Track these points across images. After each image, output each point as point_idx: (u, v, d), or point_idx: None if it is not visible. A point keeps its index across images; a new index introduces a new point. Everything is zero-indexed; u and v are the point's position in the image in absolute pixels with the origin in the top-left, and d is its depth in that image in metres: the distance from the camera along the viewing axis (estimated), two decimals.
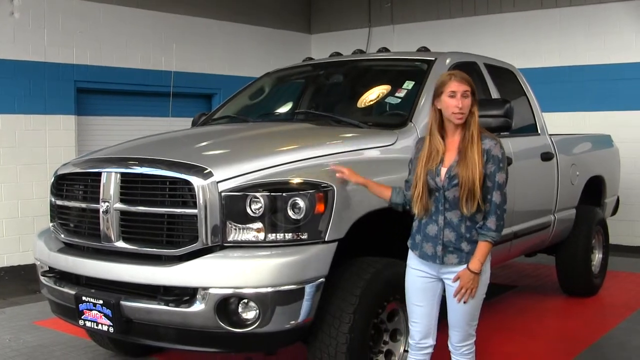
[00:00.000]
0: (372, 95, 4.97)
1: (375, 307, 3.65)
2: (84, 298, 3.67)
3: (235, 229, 3.43)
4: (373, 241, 4.03)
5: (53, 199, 4.16)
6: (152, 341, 3.72)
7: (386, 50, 5.82)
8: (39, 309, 6.23)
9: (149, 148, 4.21)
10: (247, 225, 3.42)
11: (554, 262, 6.61)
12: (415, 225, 3.38)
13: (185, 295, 3.41)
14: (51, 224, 4.18)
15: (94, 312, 3.63)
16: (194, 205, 3.42)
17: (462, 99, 3.19)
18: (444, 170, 3.23)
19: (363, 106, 4.92)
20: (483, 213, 3.23)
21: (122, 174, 3.69)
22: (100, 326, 3.63)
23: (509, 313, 6.06)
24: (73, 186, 4.06)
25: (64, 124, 8.39)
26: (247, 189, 3.44)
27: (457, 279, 3.24)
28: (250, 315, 3.37)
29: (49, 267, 4.08)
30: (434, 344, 3.43)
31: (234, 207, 3.42)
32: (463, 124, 3.22)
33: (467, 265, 3.22)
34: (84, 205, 3.93)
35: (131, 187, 3.67)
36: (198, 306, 3.36)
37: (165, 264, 3.47)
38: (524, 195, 5.26)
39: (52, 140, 8.26)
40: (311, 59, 6.34)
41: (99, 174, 3.78)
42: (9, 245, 7.97)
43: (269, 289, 3.31)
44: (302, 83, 5.77)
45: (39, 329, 5.71)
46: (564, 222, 6.11)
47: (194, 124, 5.53)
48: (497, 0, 10.10)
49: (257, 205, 3.40)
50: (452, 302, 3.30)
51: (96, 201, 3.76)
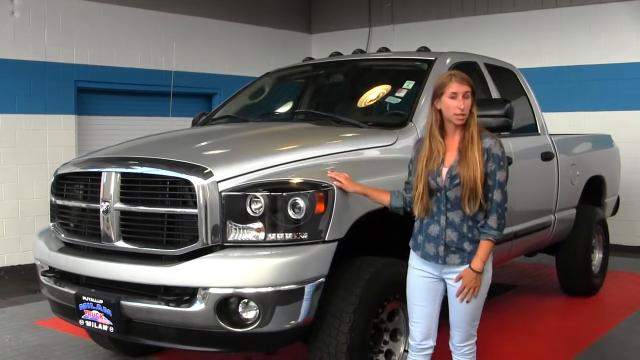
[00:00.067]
0: (372, 95, 4.97)
1: (376, 307, 3.65)
2: (84, 298, 3.67)
3: (236, 229, 3.43)
4: (373, 241, 4.02)
5: (53, 199, 4.16)
6: (152, 341, 3.72)
7: (386, 50, 5.82)
8: (39, 308, 6.23)
9: (149, 148, 4.21)
10: (247, 225, 3.42)
11: (554, 262, 6.61)
12: (417, 226, 3.38)
13: (186, 295, 3.41)
14: (51, 224, 4.17)
15: (94, 311, 3.63)
16: (194, 205, 3.42)
17: (463, 100, 3.19)
18: (445, 170, 3.22)
19: (363, 106, 4.92)
20: (484, 212, 3.23)
21: (123, 173, 3.69)
22: (100, 326, 3.63)
23: (510, 313, 6.06)
24: (73, 186, 4.06)
25: (64, 124, 8.38)
26: (247, 189, 3.44)
27: (459, 278, 3.24)
28: (250, 315, 3.37)
29: (49, 266, 4.08)
30: (434, 344, 3.43)
31: (234, 206, 3.42)
32: (463, 124, 3.23)
33: (470, 265, 3.21)
34: (84, 205, 3.93)
35: (131, 187, 3.67)
36: (198, 306, 3.36)
37: (166, 264, 3.47)
38: (524, 195, 5.25)
39: (52, 140, 8.26)
40: (311, 58, 6.34)
41: (99, 173, 3.78)
42: (9, 244, 7.96)
43: (269, 289, 3.31)
44: (302, 83, 5.77)
45: (39, 328, 5.71)
46: (564, 222, 6.11)
47: (194, 123, 5.53)
48: (497, 0, 10.10)
49: (257, 205, 3.40)
50: (454, 302, 3.30)
51: (96, 201, 3.76)
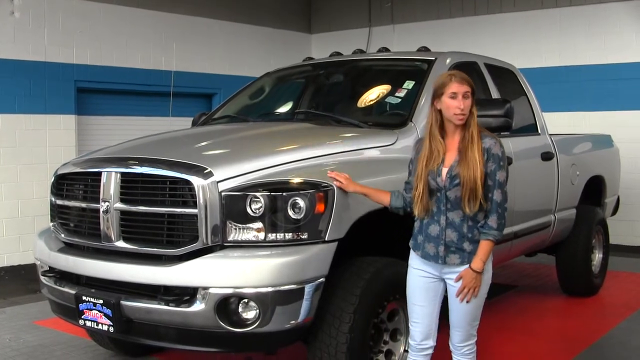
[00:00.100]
0: (373, 95, 4.97)
1: (376, 307, 3.65)
2: (84, 298, 3.67)
3: (236, 229, 3.43)
4: (373, 241, 4.02)
5: (53, 199, 4.16)
6: (152, 341, 3.72)
7: (386, 50, 5.82)
8: (39, 308, 6.23)
9: (149, 148, 4.21)
10: (247, 225, 3.42)
11: (554, 262, 6.61)
12: (417, 226, 3.38)
13: (186, 295, 3.41)
14: (51, 224, 4.17)
15: (94, 311, 3.63)
16: (194, 205, 3.42)
17: (463, 100, 3.19)
18: (445, 170, 3.22)
19: (363, 106, 4.92)
20: (484, 212, 3.23)
21: (122, 173, 3.69)
22: (100, 326, 3.63)
23: (510, 313, 6.06)
24: (73, 186, 4.06)
25: (64, 124, 8.38)
26: (247, 189, 3.43)
27: (459, 278, 3.24)
28: (250, 315, 3.37)
29: (49, 266, 4.08)
30: (434, 345, 3.43)
31: (234, 206, 3.42)
32: (463, 124, 3.22)
33: (470, 265, 3.21)
34: (84, 205, 3.93)
35: (131, 187, 3.67)
36: (198, 306, 3.36)
37: (166, 264, 3.47)
38: (524, 195, 5.25)
39: (52, 140, 8.26)
40: (311, 58, 6.34)
41: (99, 173, 3.78)
42: (9, 244, 7.96)
43: (269, 289, 3.31)
44: (302, 83, 5.77)
45: (39, 328, 5.71)
46: (564, 222, 6.11)
47: (194, 123, 5.53)
48: (497, 0, 10.10)
49: (257, 205, 3.40)
50: (454, 302, 3.30)
51: (96, 201, 3.76)
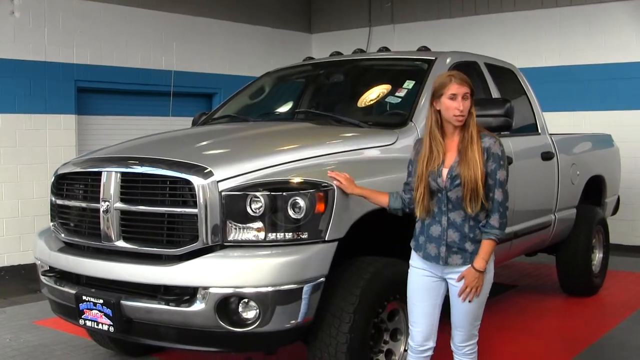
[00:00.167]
0: (373, 94, 4.97)
1: (376, 307, 3.65)
2: (84, 297, 3.67)
3: (236, 229, 3.43)
4: (373, 241, 4.02)
5: (53, 199, 4.16)
6: (152, 341, 3.72)
7: (386, 49, 5.82)
8: (39, 308, 6.23)
9: (149, 147, 4.21)
10: (247, 225, 3.42)
11: (554, 261, 6.61)
12: (418, 227, 3.37)
13: (186, 294, 3.41)
14: (51, 224, 4.17)
15: (94, 311, 3.63)
16: (194, 205, 3.42)
17: (463, 101, 3.18)
18: (445, 171, 3.22)
19: (363, 106, 4.92)
20: (486, 212, 3.23)
21: (123, 173, 3.69)
22: (100, 326, 3.63)
23: (510, 312, 6.06)
24: (73, 186, 4.06)
25: (64, 124, 8.38)
26: (248, 189, 3.43)
27: (461, 278, 3.23)
28: (250, 314, 3.37)
29: (49, 266, 4.08)
30: (434, 345, 3.42)
31: (234, 206, 3.41)
32: (462, 124, 3.22)
33: (472, 264, 3.21)
34: (84, 204, 3.93)
35: (131, 187, 3.67)
36: (198, 306, 3.36)
37: (166, 264, 3.47)
38: (524, 194, 5.25)
39: (52, 140, 8.26)
40: (311, 58, 6.34)
41: (99, 173, 3.77)
42: (10, 244, 7.96)
43: (269, 289, 3.31)
44: (303, 82, 5.77)
45: (40, 328, 5.71)
46: (564, 222, 6.11)
47: (194, 123, 5.53)
48: (497, 0, 10.10)
49: (257, 205, 3.40)
50: (456, 302, 3.30)
51: (96, 200, 3.76)
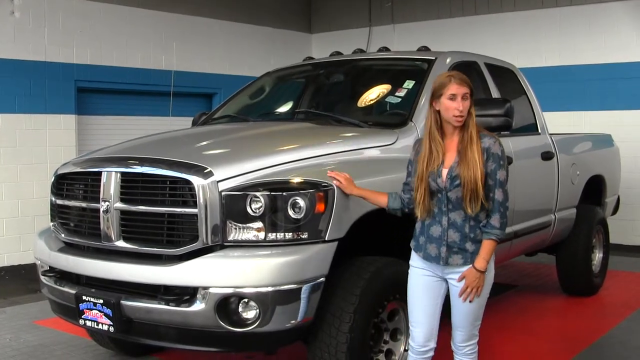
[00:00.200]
0: (373, 94, 4.97)
1: (376, 307, 3.65)
2: (84, 297, 3.67)
3: (236, 229, 3.43)
4: (373, 240, 4.02)
5: (53, 199, 4.16)
6: (152, 341, 3.72)
7: (386, 49, 5.81)
8: (39, 308, 6.23)
9: (149, 147, 4.21)
10: (247, 225, 3.42)
11: (554, 261, 6.61)
12: (418, 227, 3.37)
13: (186, 294, 3.41)
14: (51, 224, 4.17)
15: (94, 311, 3.63)
16: (194, 205, 3.42)
17: (462, 101, 3.18)
18: (445, 171, 3.22)
19: (363, 105, 4.92)
20: (486, 212, 3.23)
21: (123, 173, 3.69)
22: (100, 326, 3.63)
23: (510, 312, 6.06)
24: (73, 185, 4.06)
25: (64, 124, 8.38)
26: (248, 189, 3.43)
27: (462, 278, 3.23)
28: (250, 314, 3.37)
29: (49, 266, 4.08)
30: (435, 346, 3.41)
31: (234, 206, 3.41)
32: (462, 124, 3.22)
33: (473, 264, 3.21)
34: (84, 204, 3.93)
35: (131, 187, 3.67)
36: (198, 306, 3.36)
37: (166, 264, 3.47)
38: (524, 194, 5.25)
39: (52, 140, 8.26)
40: (311, 58, 6.34)
41: (99, 173, 3.77)
42: (10, 244, 7.96)
43: (269, 289, 3.30)
44: (303, 82, 5.77)
45: (40, 328, 5.71)
46: (564, 222, 6.11)
47: (194, 123, 5.53)
48: (497, 0, 10.10)
49: (257, 205, 3.40)
50: (456, 302, 3.29)
51: (96, 200, 3.76)
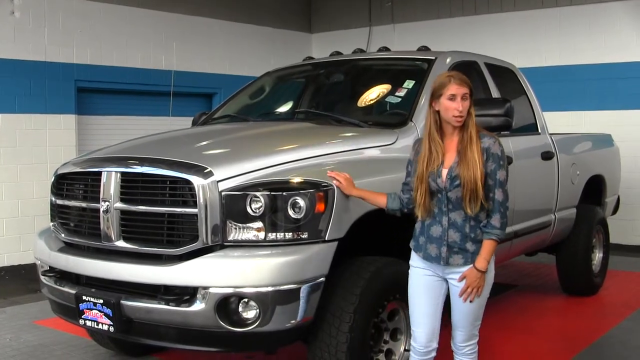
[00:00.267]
0: (373, 94, 4.97)
1: (376, 306, 3.65)
2: (84, 297, 3.67)
3: (236, 228, 3.43)
4: (373, 240, 4.02)
5: (53, 199, 4.16)
6: (152, 340, 3.72)
7: (386, 49, 5.81)
8: (39, 308, 6.23)
9: (149, 147, 4.21)
10: (247, 225, 3.42)
11: (554, 261, 6.61)
12: (418, 227, 3.37)
13: (186, 294, 3.42)
14: (51, 224, 4.17)
15: (94, 311, 3.63)
16: (194, 205, 3.42)
17: (462, 101, 3.18)
18: (445, 171, 3.22)
19: (363, 105, 4.92)
20: (486, 212, 3.22)
21: (123, 173, 3.69)
22: (100, 325, 3.63)
23: (510, 312, 6.06)
24: (73, 185, 4.06)
25: (64, 124, 8.38)
26: (248, 188, 3.43)
27: (462, 278, 3.23)
28: (250, 314, 3.37)
29: (49, 266, 4.08)
30: (437, 346, 3.41)
31: (234, 206, 3.41)
32: (461, 125, 3.22)
33: (474, 264, 3.21)
34: (84, 204, 3.93)
35: (131, 187, 3.67)
36: (198, 305, 3.36)
37: (166, 264, 3.47)
38: (524, 194, 5.25)
39: (52, 140, 8.26)
40: (311, 58, 6.34)
41: (99, 173, 3.77)
42: (10, 244, 7.96)
43: (269, 288, 3.30)
44: (303, 82, 5.77)
45: (40, 328, 5.71)
46: (564, 222, 6.11)
47: (194, 123, 5.53)
48: (497, 0, 10.10)
49: (257, 205, 3.40)
50: (456, 302, 3.29)
51: (96, 200, 3.76)
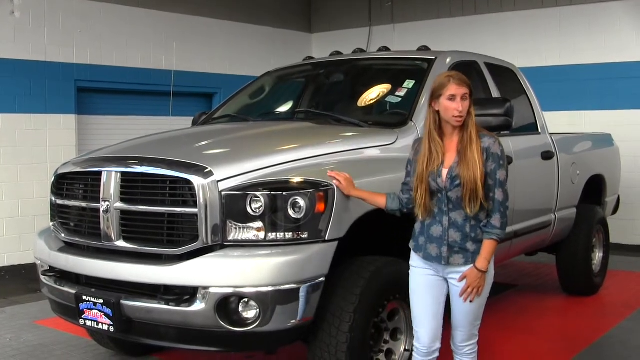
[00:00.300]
0: (373, 94, 4.97)
1: (376, 306, 3.65)
2: (84, 297, 3.67)
3: (236, 228, 3.43)
4: (373, 240, 4.02)
5: (53, 198, 4.16)
6: (152, 340, 3.72)
7: (387, 49, 5.81)
8: (39, 308, 6.23)
9: (149, 147, 4.21)
10: (247, 225, 3.42)
11: (554, 261, 6.61)
12: (418, 227, 3.37)
13: (186, 294, 3.42)
14: (51, 223, 4.17)
15: (94, 311, 3.63)
16: (195, 205, 3.42)
17: (462, 102, 3.18)
18: (445, 171, 3.21)
19: (363, 105, 4.92)
20: (486, 211, 3.22)
21: (123, 173, 3.69)
22: (100, 325, 3.63)
23: (510, 312, 6.06)
24: (73, 185, 4.06)
25: (64, 123, 8.39)
26: (248, 188, 3.43)
27: (463, 278, 3.23)
28: (250, 314, 3.37)
29: (49, 266, 4.08)
30: (440, 346, 3.40)
31: (234, 206, 3.41)
32: (461, 125, 3.21)
33: (474, 264, 3.20)
34: (84, 204, 3.93)
35: (131, 187, 3.67)
36: (198, 305, 3.36)
37: (166, 263, 3.47)
38: (524, 194, 5.25)
39: (52, 140, 8.26)
40: (311, 58, 6.34)
41: (99, 173, 3.77)
42: (10, 244, 7.97)
43: (269, 288, 3.30)
44: (303, 82, 5.77)
45: (40, 328, 5.71)
46: (564, 221, 6.11)
47: (194, 123, 5.53)
48: (497, 0, 10.10)
49: (257, 205, 3.40)
50: (457, 302, 3.29)
51: (96, 200, 3.76)
